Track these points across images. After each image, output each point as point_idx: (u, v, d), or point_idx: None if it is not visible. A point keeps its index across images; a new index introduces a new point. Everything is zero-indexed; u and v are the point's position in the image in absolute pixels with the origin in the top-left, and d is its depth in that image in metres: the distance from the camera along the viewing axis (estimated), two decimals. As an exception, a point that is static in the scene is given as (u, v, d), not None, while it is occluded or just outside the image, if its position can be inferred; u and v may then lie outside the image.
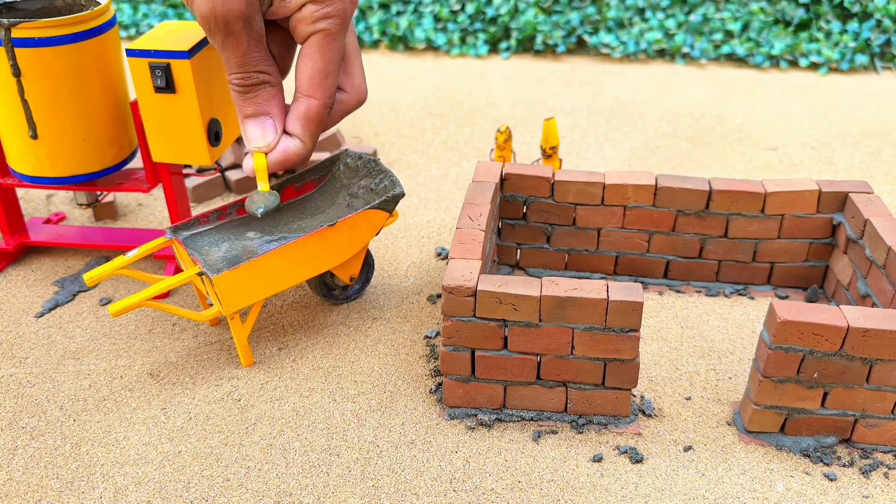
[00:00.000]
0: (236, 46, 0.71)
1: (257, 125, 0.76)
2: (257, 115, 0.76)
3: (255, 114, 0.76)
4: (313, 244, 0.95)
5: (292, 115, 0.76)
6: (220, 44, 0.71)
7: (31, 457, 0.85)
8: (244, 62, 0.72)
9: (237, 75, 0.73)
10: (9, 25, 0.95)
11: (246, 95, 0.75)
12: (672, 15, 2.10)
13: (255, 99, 0.75)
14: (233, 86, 0.74)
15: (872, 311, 0.80)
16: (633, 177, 1.07)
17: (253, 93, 0.74)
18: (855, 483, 0.81)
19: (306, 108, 0.75)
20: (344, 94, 0.79)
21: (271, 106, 0.76)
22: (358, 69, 0.79)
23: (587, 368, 0.85)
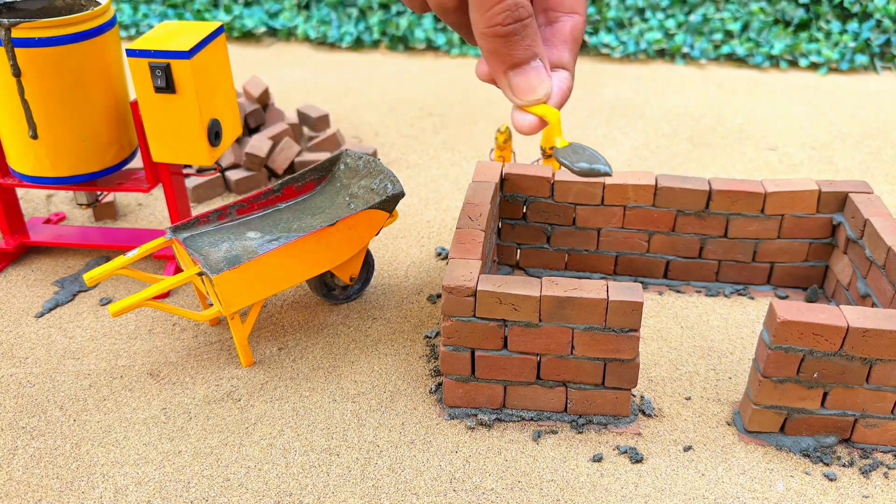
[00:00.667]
0: None
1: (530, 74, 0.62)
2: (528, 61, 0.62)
3: (525, 60, 0.61)
4: (313, 244, 0.95)
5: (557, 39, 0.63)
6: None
7: (31, 457, 0.85)
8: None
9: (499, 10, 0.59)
10: (9, 25, 0.95)
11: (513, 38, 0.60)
12: (672, 15, 2.10)
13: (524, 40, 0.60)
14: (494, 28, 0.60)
15: (872, 311, 0.80)
16: (633, 177, 1.07)
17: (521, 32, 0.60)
18: (855, 483, 0.81)
19: (572, 27, 0.63)
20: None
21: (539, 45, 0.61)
22: None
23: (587, 368, 0.86)
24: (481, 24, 0.60)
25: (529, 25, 0.59)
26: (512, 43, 0.60)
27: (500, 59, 0.61)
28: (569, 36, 0.62)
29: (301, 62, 2.05)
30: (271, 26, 2.20)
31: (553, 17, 0.63)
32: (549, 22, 0.64)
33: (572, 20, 0.62)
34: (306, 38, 2.19)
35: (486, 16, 0.58)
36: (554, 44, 0.63)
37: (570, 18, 0.62)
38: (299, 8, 2.26)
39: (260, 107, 1.49)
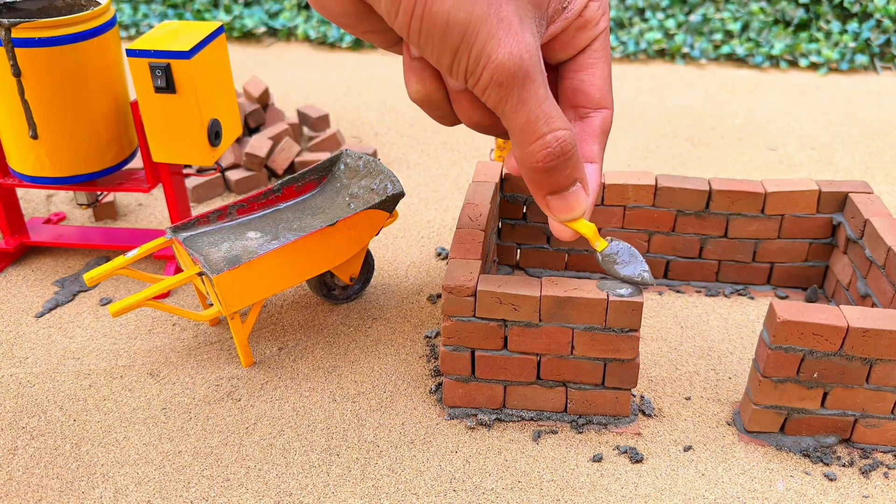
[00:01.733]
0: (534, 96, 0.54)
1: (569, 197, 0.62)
2: (567, 188, 0.61)
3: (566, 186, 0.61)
4: (313, 244, 0.95)
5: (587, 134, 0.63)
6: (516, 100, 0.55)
7: (31, 457, 0.85)
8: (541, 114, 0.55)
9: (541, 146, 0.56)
10: (9, 25, 0.95)
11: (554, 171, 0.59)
12: (672, 15, 2.10)
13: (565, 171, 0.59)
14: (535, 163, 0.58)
15: (872, 311, 0.80)
16: (633, 177, 1.07)
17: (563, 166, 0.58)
18: (855, 483, 0.81)
19: (602, 122, 0.63)
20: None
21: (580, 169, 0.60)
22: None
23: (587, 368, 0.86)
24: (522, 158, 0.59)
25: (572, 157, 0.59)
26: (553, 175, 0.59)
27: (540, 187, 0.61)
28: (598, 130, 0.63)
29: (301, 62, 2.05)
30: (271, 26, 2.20)
31: (583, 112, 0.63)
32: (580, 118, 0.63)
33: (601, 115, 0.62)
34: (306, 38, 2.19)
35: (526, 152, 0.57)
36: (584, 139, 0.63)
37: (598, 114, 0.62)
38: (299, 8, 2.26)
39: (260, 107, 1.49)
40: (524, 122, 0.56)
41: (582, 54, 0.62)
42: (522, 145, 0.58)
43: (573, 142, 0.59)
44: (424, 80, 0.61)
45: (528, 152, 0.58)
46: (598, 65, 0.61)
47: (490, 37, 0.53)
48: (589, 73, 0.62)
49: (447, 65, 0.55)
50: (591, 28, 0.60)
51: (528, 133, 0.57)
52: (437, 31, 0.53)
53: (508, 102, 0.55)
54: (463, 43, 0.53)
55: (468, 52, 0.54)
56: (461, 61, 0.55)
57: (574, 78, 0.63)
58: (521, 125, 0.57)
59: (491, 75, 0.54)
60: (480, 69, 0.54)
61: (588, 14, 0.59)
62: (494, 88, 0.55)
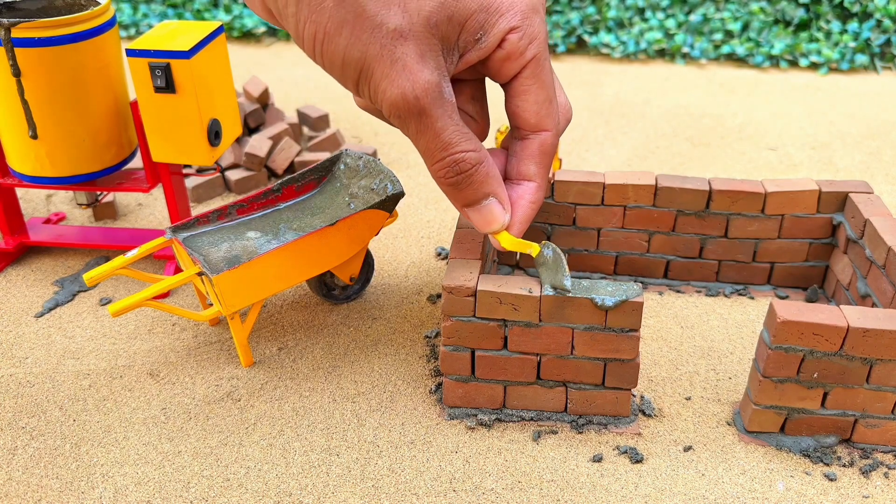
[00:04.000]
0: (430, 126, 0.60)
1: (484, 210, 0.67)
2: (479, 201, 0.66)
3: (476, 200, 0.66)
4: (313, 244, 0.95)
5: (524, 154, 0.67)
6: (415, 130, 0.61)
7: (31, 457, 0.85)
8: (445, 142, 0.61)
9: (440, 167, 0.63)
10: (9, 25, 0.95)
11: (460, 186, 0.64)
12: (672, 15, 2.10)
13: (471, 186, 0.64)
14: (440, 179, 0.64)
15: (872, 311, 0.80)
16: (633, 177, 1.07)
17: (466, 181, 0.64)
18: (855, 483, 0.81)
19: (540, 145, 0.67)
20: None
21: (491, 184, 0.66)
22: (558, 85, 0.70)
23: (587, 368, 0.85)
24: (431, 173, 0.65)
25: (476, 173, 0.64)
26: (460, 190, 0.65)
27: (453, 199, 0.66)
28: (536, 151, 0.66)
29: (301, 62, 2.04)
30: (271, 26, 2.20)
31: (523, 134, 0.67)
32: (521, 138, 0.67)
33: (539, 137, 0.66)
34: (306, 38, 2.18)
35: (431, 168, 0.63)
36: (522, 158, 0.67)
37: (536, 136, 0.66)
38: (299, 8, 2.26)
39: (260, 107, 1.49)
40: (424, 149, 0.62)
41: (515, 81, 0.64)
42: (427, 164, 0.64)
43: (474, 161, 0.63)
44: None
45: (432, 171, 0.64)
46: (531, 91, 0.64)
47: (383, 76, 0.58)
48: (522, 100, 0.65)
49: (354, 91, 0.61)
50: (517, 59, 0.62)
51: (428, 156, 0.63)
52: (337, 65, 0.58)
53: (409, 131, 0.61)
54: (361, 78, 0.59)
55: (367, 86, 0.59)
56: (363, 92, 0.60)
57: (511, 103, 0.66)
58: (423, 150, 0.62)
59: (388, 109, 0.59)
60: (379, 102, 0.60)
61: (508, 47, 0.62)
62: (395, 119, 0.60)
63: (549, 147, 0.67)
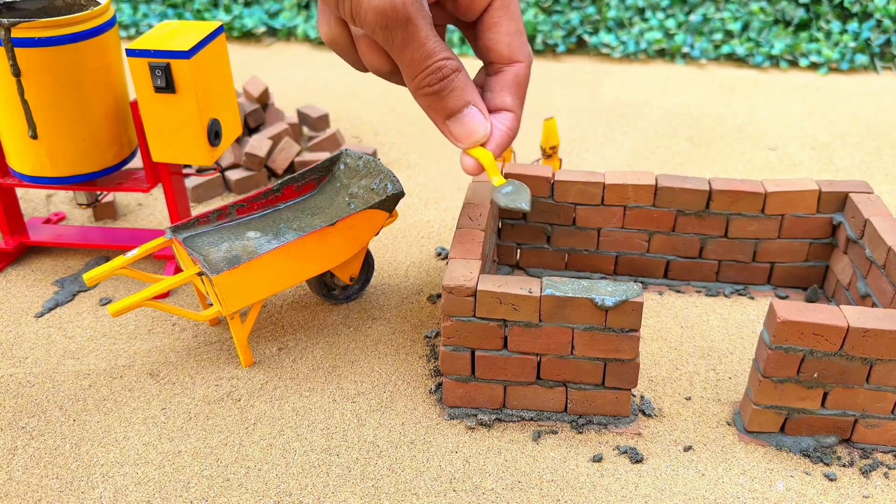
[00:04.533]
0: (414, 36, 0.62)
1: (465, 119, 0.68)
2: (461, 109, 0.68)
3: (458, 108, 0.68)
4: (313, 244, 0.95)
5: (499, 86, 0.69)
6: (400, 40, 0.63)
7: (31, 457, 0.85)
8: (427, 52, 0.64)
9: (426, 74, 0.65)
10: (9, 25, 0.95)
11: (442, 93, 0.66)
12: (672, 15, 2.10)
13: (453, 92, 0.67)
14: (423, 88, 0.66)
15: (872, 311, 0.80)
16: (633, 177, 1.07)
17: (448, 87, 0.66)
18: (855, 483, 0.81)
19: (514, 75, 0.69)
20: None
21: (470, 92, 0.68)
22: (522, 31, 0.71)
23: (587, 368, 0.85)
24: (413, 88, 0.66)
25: (456, 79, 0.67)
26: (443, 97, 0.67)
27: (436, 111, 0.68)
28: (511, 82, 0.68)
29: (301, 62, 2.04)
30: (271, 26, 2.20)
31: (497, 68, 0.69)
32: (494, 72, 0.69)
33: (513, 69, 0.68)
34: (306, 37, 2.19)
35: (415, 81, 0.65)
36: (497, 90, 0.69)
37: (510, 67, 0.68)
38: (299, 8, 2.26)
39: (260, 107, 1.49)
40: (410, 59, 0.64)
41: (486, 14, 0.67)
42: (410, 78, 0.66)
43: (455, 66, 0.66)
44: (330, 24, 0.67)
45: (416, 82, 0.65)
46: (502, 22, 0.66)
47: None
48: (494, 31, 0.67)
49: (334, 7, 0.62)
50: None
51: (413, 67, 0.65)
52: None
53: (395, 42, 0.63)
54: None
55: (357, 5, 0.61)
56: (345, 6, 0.62)
57: (483, 37, 0.68)
58: (408, 62, 0.64)
59: (374, 18, 0.61)
60: (364, 13, 0.61)
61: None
62: (380, 31, 0.62)
63: (522, 78, 0.69)
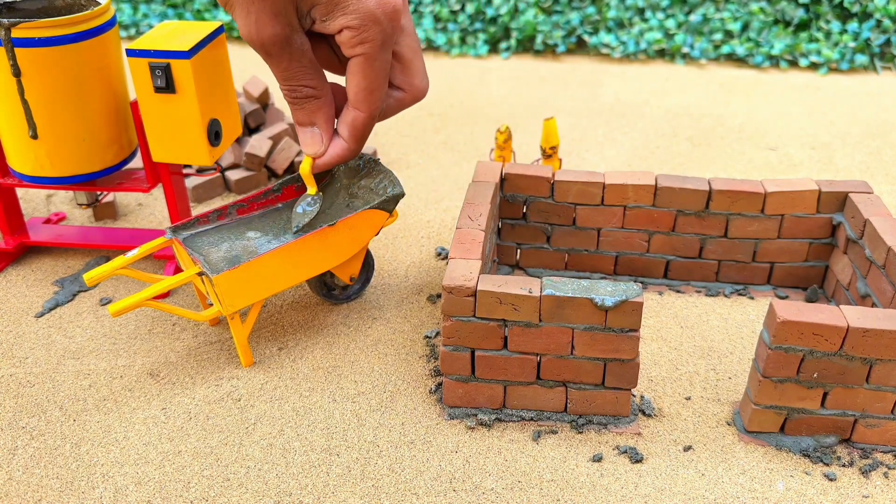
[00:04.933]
0: (278, 64, 0.77)
1: (307, 134, 0.84)
2: (305, 125, 0.83)
3: (304, 123, 0.83)
4: (313, 244, 0.95)
5: (342, 121, 0.83)
6: (265, 61, 0.77)
7: (31, 457, 0.85)
8: (287, 76, 0.78)
9: (283, 88, 0.80)
10: (9, 25, 0.95)
11: (294, 107, 0.81)
12: (672, 15, 2.10)
13: (302, 110, 0.82)
14: (284, 95, 0.81)
15: (872, 311, 0.80)
16: (633, 177, 1.07)
17: (299, 104, 0.81)
18: (855, 483, 0.81)
19: (352, 119, 0.81)
20: (400, 92, 0.84)
21: (317, 116, 0.82)
22: (418, 68, 0.84)
23: (587, 368, 0.86)
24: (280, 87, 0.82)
25: (308, 104, 0.81)
26: (294, 110, 0.82)
27: (294, 117, 0.83)
28: (349, 122, 0.82)
29: (301, 62, 2.04)
30: (271, 26, 2.20)
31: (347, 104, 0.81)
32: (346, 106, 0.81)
33: (352, 113, 0.81)
34: (306, 38, 2.18)
35: (280, 86, 0.80)
36: (340, 122, 0.83)
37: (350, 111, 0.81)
38: (299, 8, 2.26)
39: (260, 107, 1.49)
40: (275, 76, 0.78)
41: (348, 64, 0.78)
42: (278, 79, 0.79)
43: (310, 94, 0.80)
44: None
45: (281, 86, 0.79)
46: (354, 78, 0.77)
47: (239, 18, 0.73)
48: (349, 80, 0.78)
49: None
50: (348, 50, 0.75)
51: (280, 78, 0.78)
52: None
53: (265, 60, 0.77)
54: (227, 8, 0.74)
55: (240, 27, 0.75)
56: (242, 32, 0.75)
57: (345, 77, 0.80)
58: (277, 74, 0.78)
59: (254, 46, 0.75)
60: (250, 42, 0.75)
61: (341, 38, 0.75)
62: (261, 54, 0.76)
63: (359, 123, 0.81)
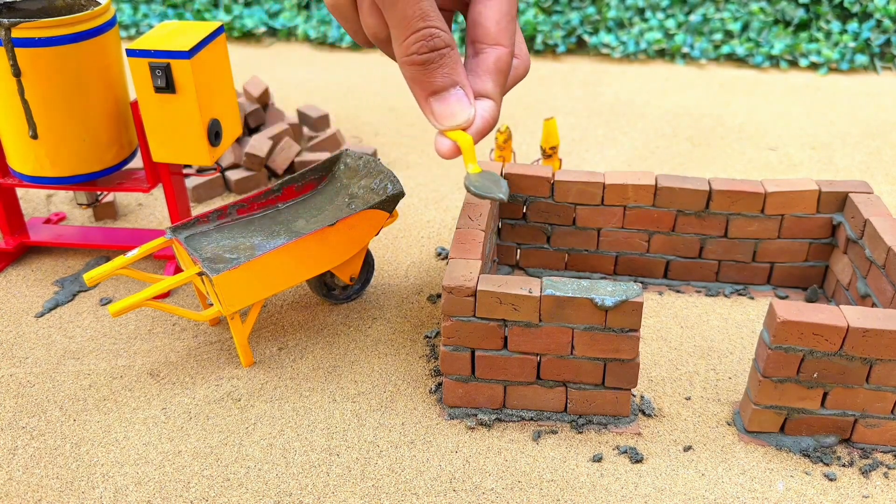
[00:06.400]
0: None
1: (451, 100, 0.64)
2: (447, 88, 0.63)
3: (444, 87, 0.63)
4: (313, 244, 0.95)
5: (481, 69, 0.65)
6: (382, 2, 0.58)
7: (31, 457, 0.85)
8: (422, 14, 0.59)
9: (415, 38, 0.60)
10: (9, 25, 0.95)
11: (430, 66, 0.62)
12: (672, 15, 2.10)
13: (442, 68, 0.62)
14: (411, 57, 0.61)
15: (872, 311, 0.80)
16: (633, 177, 1.07)
17: (438, 61, 0.62)
18: (855, 483, 0.81)
19: (496, 59, 0.64)
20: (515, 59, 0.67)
21: (459, 72, 0.63)
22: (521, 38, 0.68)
23: (587, 368, 0.86)
24: (400, 54, 0.62)
25: (447, 55, 0.62)
26: (430, 71, 0.62)
27: (421, 86, 0.63)
28: (492, 66, 0.64)
29: (301, 62, 2.05)
30: (271, 26, 2.20)
31: (479, 48, 0.65)
32: (476, 53, 0.65)
33: (496, 51, 0.64)
34: (306, 38, 2.19)
35: (402, 45, 0.60)
36: (478, 74, 0.65)
37: (493, 50, 0.64)
38: (299, 8, 2.26)
39: (260, 107, 1.49)
40: (401, 16, 0.59)
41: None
42: (399, 39, 0.61)
43: (447, 42, 0.61)
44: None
45: (405, 45, 0.60)
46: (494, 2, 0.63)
47: None
48: (486, 6, 0.63)
49: None
50: None
51: (404, 27, 0.59)
52: None
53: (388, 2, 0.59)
54: None
55: None
56: None
57: (473, 10, 0.64)
58: (399, 19, 0.59)
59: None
60: None
61: None
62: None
63: (504, 64, 0.65)
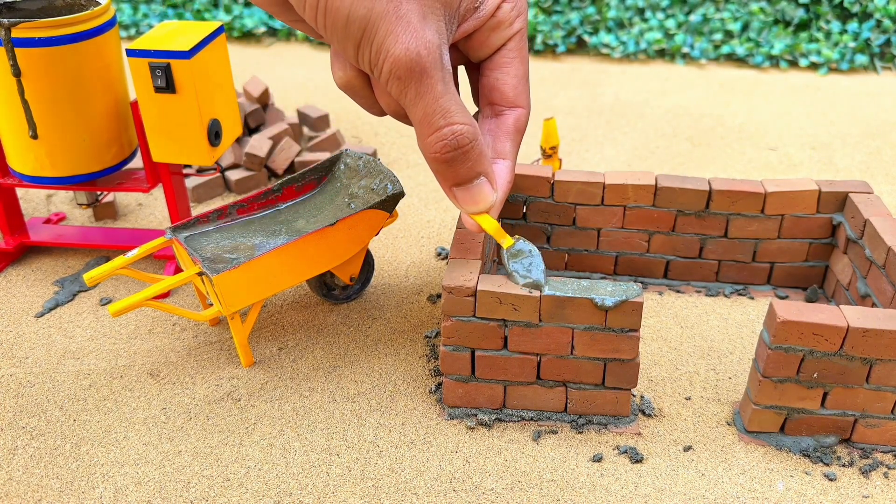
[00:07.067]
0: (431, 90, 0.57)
1: (473, 190, 0.64)
2: (471, 181, 0.63)
3: (469, 179, 0.63)
4: (313, 244, 0.95)
5: (500, 131, 0.66)
6: (414, 93, 0.58)
7: (31, 457, 0.85)
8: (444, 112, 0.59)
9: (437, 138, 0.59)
10: (9, 25, 0.95)
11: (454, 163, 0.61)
12: (672, 15, 2.10)
13: (466, 163, 0.61)
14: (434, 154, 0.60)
15: (872, 311, 0.80)
16: (633, 177, 1.07)
17: (461, 158, 0.61)
18: (855, 483, 0.81)
19: (515, 120, 0.66)
20: None
21: (483, 163, 0.63)
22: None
23: (587, 368, 0.86)
24: (423, 149, 0.62)
25: (471, 149, 0.61)
26: (454, 167, 0.62)
27: (444, 178, 0.63)
28: (511, 128, 0.65)
29: (301, 62, 2.05)
30: (271, 26, 2.20)
31: (498, 110, 0.65)
32: (495, 115, 0.66)
33: (515, 113, 0.65)
34: (306, 38, 2.19)
35: (425, 143, 0.60)
36: (497, 135, 0.66)
37: (512, 112, 0.65)
38: (299, 8, 2.26)
39: (260, 107, 1.49)
40: (422, 115, 0.59)
41: (497, 53, 0.64)
42: (422, 137, 0.61)
43: (471, 136, 0.61)
44: (346, 68, 0.64)
45: (427, 143, 0.61)
46: (513, 64, 0.64)
47: (388, 33, 0.56)
48: (503, 72, 0.64)
49: (352, 56, 0.59)
50: (505, 28, 0.63)
51: (425, 125, 0.60)
52: (340, 25, 0.56)
53: (408, 95, 0.58)
54: (364, 37, 0.56)
55: (369, 47, 0.57)
56: (364, 54, 0.58)
57: (490, 76, 0.65)
58: (420, 118, 0.60)
59: (390, 69, 0.57)
60: (381, 62, 0.57)
61: (501, 15, 0.62)
62: (394, 81, 0.58)
63: (522, 123, 0.66)
